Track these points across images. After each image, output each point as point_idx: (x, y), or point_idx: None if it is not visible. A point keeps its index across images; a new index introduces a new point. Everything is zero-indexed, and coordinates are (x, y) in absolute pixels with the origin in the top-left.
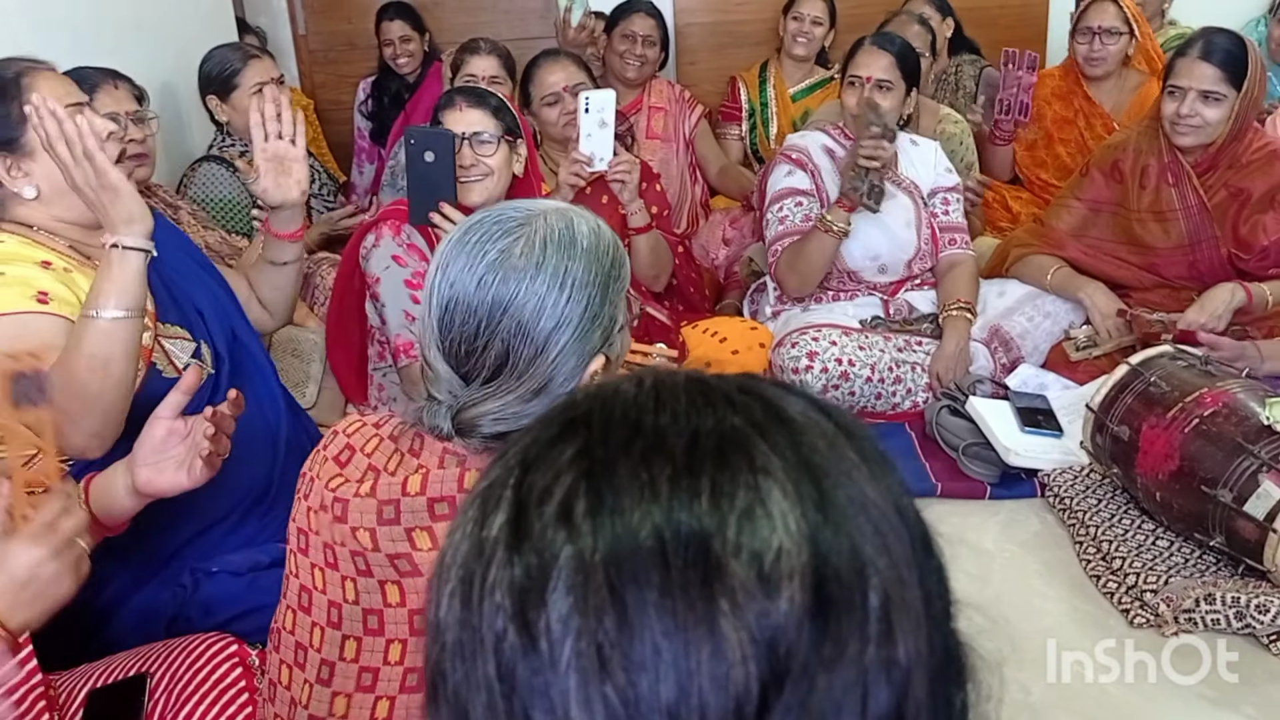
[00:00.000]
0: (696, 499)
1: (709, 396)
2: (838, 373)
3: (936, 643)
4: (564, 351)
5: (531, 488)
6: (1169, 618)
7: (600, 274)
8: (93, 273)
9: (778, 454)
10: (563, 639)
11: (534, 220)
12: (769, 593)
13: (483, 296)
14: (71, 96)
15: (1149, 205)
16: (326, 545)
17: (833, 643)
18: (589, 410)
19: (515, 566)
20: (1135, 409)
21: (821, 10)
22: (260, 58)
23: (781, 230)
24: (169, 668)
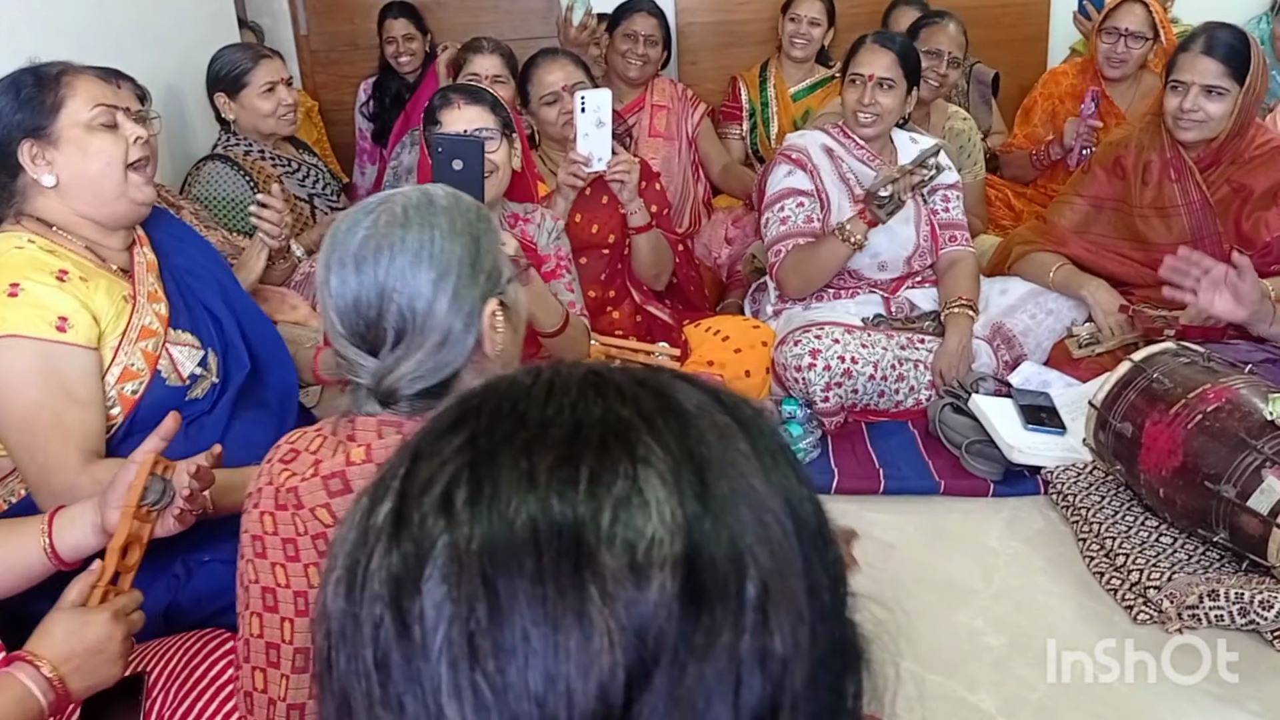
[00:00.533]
0: (573, 488)
1: (601, 388)
2: (840, 370)
3: (821, 634)
4: (454, 298)
5: (416, 477)
6: (1172, 614)
7: (466, 224)
8: (110, 279)
9: (661, 444)
10: (435, 627)
11: (392, 196)
12: (639, 581)
13: (365, 273)
14: (108, 97)
15: (1151, 201)
16: (286, 540)
17: (704, 632)
18: (480, 402)
19: (394, 555)
20: (1138, 405)
21: (819, 11)
22: (271, 58)
23: (784, 231)
24: (165, 665)
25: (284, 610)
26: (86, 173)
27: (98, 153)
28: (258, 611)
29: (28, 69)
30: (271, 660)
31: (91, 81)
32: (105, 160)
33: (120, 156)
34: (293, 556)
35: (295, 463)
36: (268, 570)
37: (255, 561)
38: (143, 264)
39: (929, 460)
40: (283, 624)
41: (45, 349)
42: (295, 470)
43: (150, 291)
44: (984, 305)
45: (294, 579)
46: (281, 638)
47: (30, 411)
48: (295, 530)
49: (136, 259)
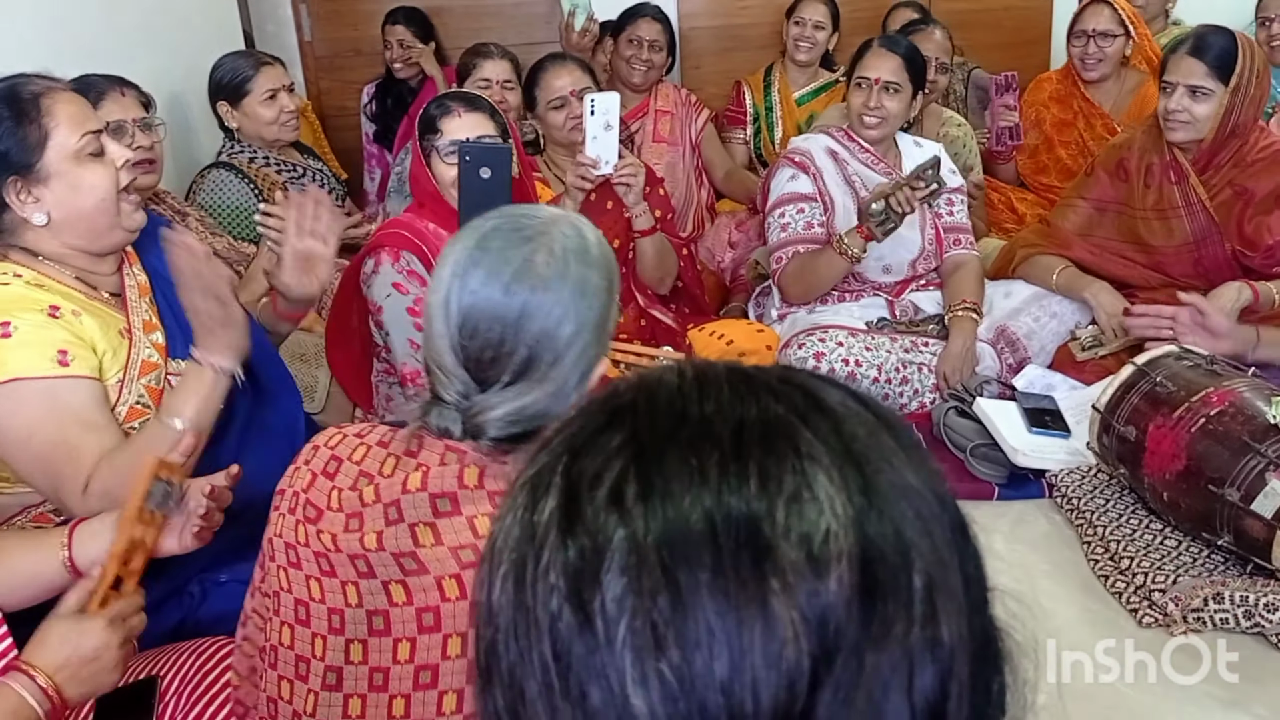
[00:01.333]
0: (745, 484)
1: (751, 386)
2: (844, 374)
3: (976, 626)
4: (581, 354)
5: (582, 473)
6: (1177, 617)
7: (609, 281)
8: (101, 309)
9: (821, 441)
10: (618, 618)
11: (550, 229)
12: (818, 573)
13: (510, 304)
14: (91, 121)
15: (1153, 203)
16: (319, 554)
17: (880, 622)
18: (634, 400)
19: (569, 549)
20: (1141, 409)
21: (824, 14)
22: (272, 65)
23: (784, 238)
24: (179, 670)
25: (316, 626)
26: (80, 208)
27: (91, 188)
28: (289, 622)
29: (1, 93)
30: (300, 673)
31: (73, 104)
32: (99, 195)
33: (112, 187)
34: (328, 571)
35: (339, 476)
36: (302, 582)
37: (288, 570)
38: (134, 287)
39: None
40: (314, 639)
41: (50, 386)
42: (339, 485)
43: (145, 321)
44: (988, 308)
45: (330, 594)
46: (313, 653)
47: (46, 450)
48: (334, 546)
49: (127, 282)
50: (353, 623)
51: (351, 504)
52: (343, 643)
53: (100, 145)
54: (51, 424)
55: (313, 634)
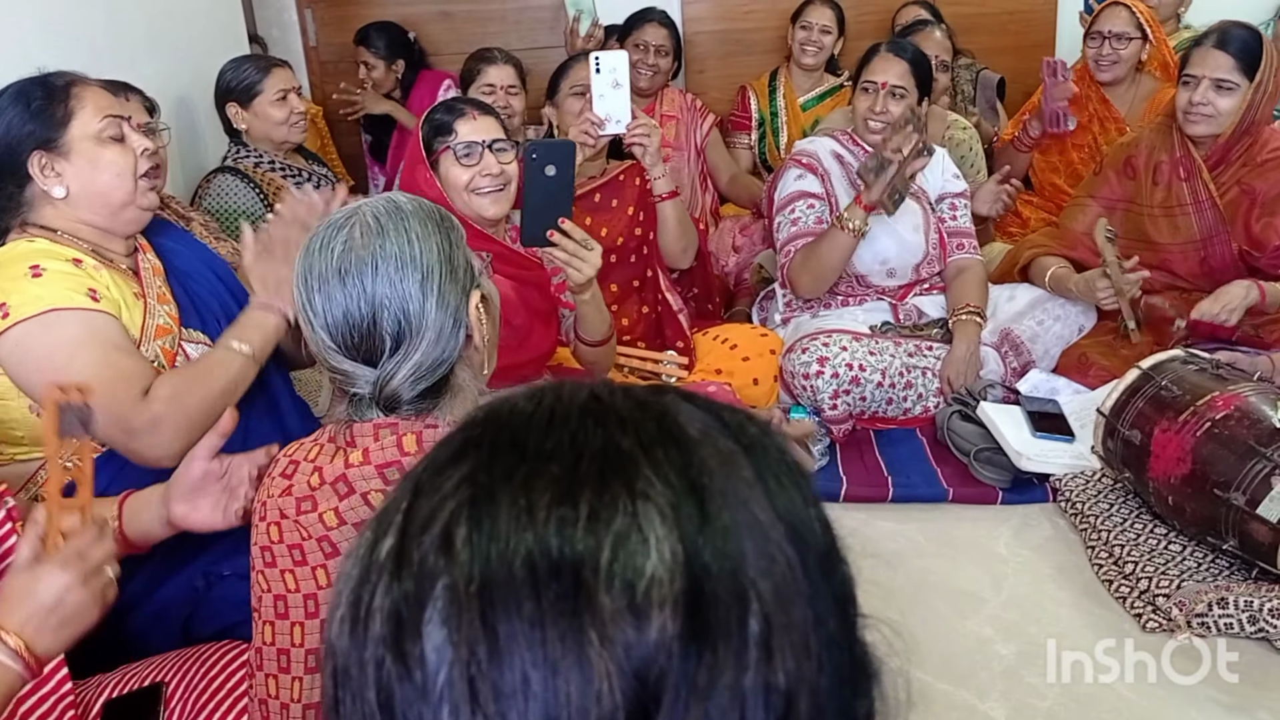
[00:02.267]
0: (572, 525)
1: (601, 416)
2: (848, 378)
3: (828, 663)
4: (441, 296)
5: (417, 513)
6: (1181, 622)
7: (434, 224)
8: (117, 276)
9: (660, 477)
10: (437, 668)
11: (359, 209)
12: (639, 622)
13: (351, 287)
14: (115, 108)
15: (1161, 201)
16: (292, 546)
17: (706, 670)
18: (480, 434)
19: (395, 593)
20: (1146, 413)
21: (830, 18)
22: (282, 67)
23: (794, 231)
24: (184, 676)
25: (294, 615)
26: (97, 184)
27: (108, 165)
28: (269, 620)
29: (35, 80)
30: (283, 666)
31: (99, 93)
32: (115, 172)
33: (130, 168)
34: (300, 561)
35: (295, 476)
36: (278, 578)
37: (265, 572)
38: (148, 268)
39: (937, 468)
40: (293, 628)
41: (85, 316)
42: (296, 483)
43: (159, 293)
44: (992, 312)
45: (303, 582)
46: (292, 641)
47: (92, 372)
48: (300, 535)
49: (142, 264)
50: (325, 603)
51: (303, 489)
52: (318, 625)
53: (121, 131)
54: (95, 348)
55: (290, 624)
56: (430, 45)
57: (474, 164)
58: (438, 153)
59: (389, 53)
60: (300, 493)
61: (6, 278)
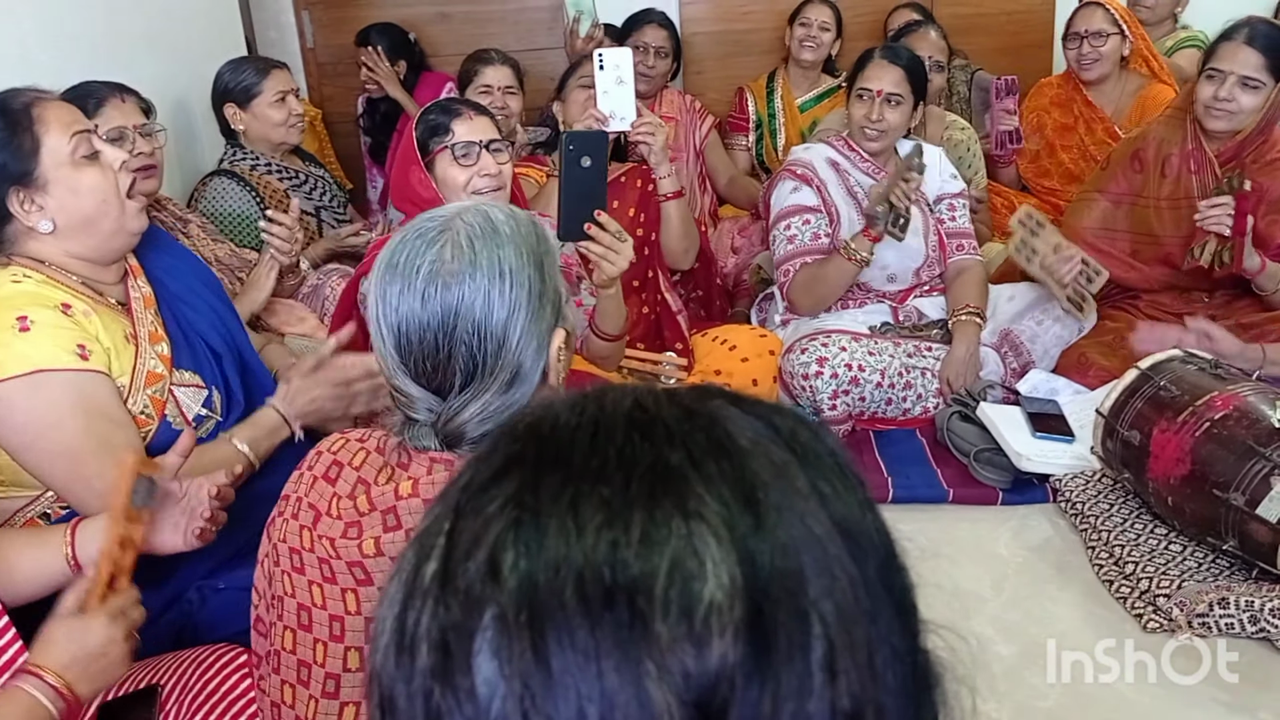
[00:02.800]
0: (625, 549)
1: (648, 428)
2: (847, 378)
3: (895, 676)
4: (524, 335)
5: (461, 535)
6: (1182, 622)
7: (530, 252)
8: (109, 313)
9: (713, 493)
10: (489, 701)
11: (452, 223)
12: (699, 650)
13: (431, 310)
14: (79, 123)
15: (1168, 194)
16: (322, 560)
17: (771, 698)
18: (522, 450)
19: (441, 620)
20: (1145, 413)
21: (829, 16)
22: (281, 68)
23: (791, 250)
24: (180, 678)
25: (318, 632)
26: (82, 212)
27: (90, 190)
28: (291, 627)
29: None
30: (302, 679)
31: (59, 109)
32: (100, 197)
33: (113, 188)
34: (329, 578)
35: (339, 482)
36: (305, 587)
37: (292, 575)
38: (139, 298)
39: (937, 468)
40: (315, 645)
41: (73, 379)
42: (339, 493)
43: (151, 331)
44: (991, 312)
45: (330, 602)
46: (314, 659)
47: (76, 442)
48: (331, 553)
49: (132, 293)
50: (352, 630)
51: (349, 513)
52: (342, 650)
53: (93, 147)
54: (79, 416)
55: (314, 639)
56: (428, 47)
57: (471, 164)
58: (434, 153)
59: (390, 54)
60: (349, 517)
61: None
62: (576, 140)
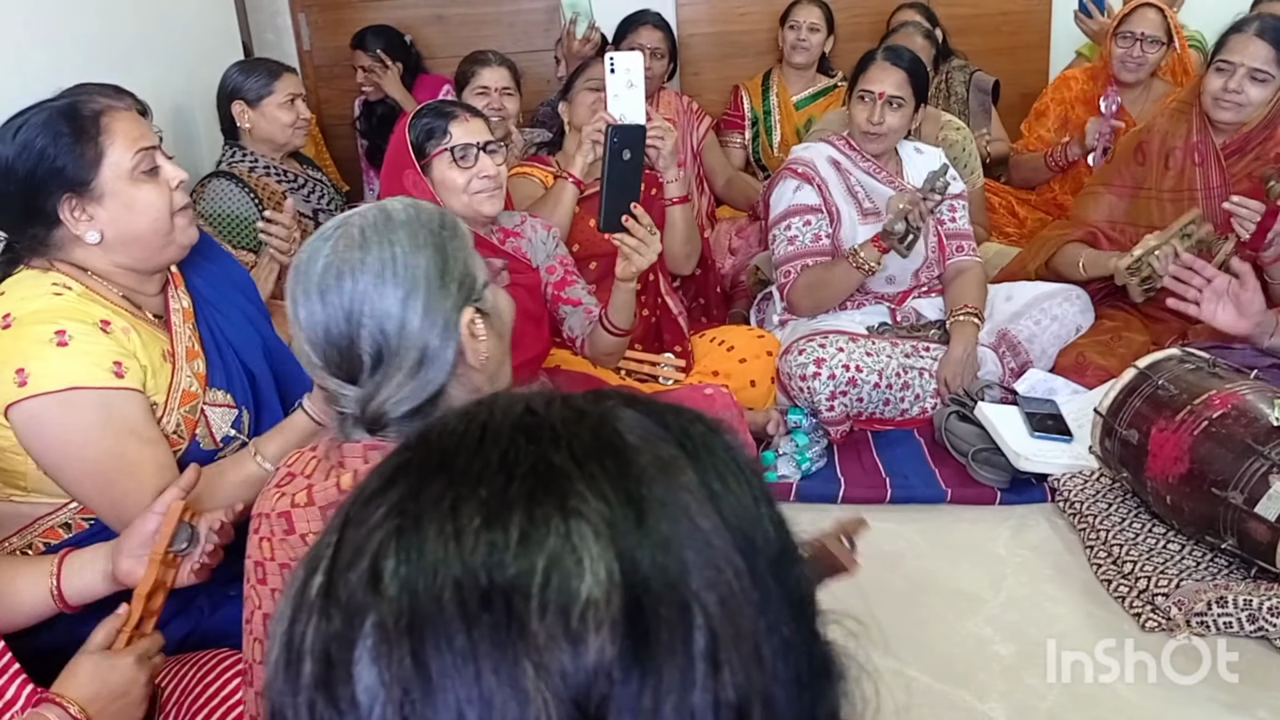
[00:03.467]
0: (502, 551)
1: (534, 431)
2: (845, 379)
3: (784, 669)
4: (425, 313)
5: (345, 546)
6: (1180, 622)
7: (427, 235)
8: (147, 330)
9: (595, 491)
10: (369, 709)
11: (349, 219)
12: (575, 647)
13: (330, 301)
14: (145, 139)
15: (1171, 186)
16: (283, 565)
17: (652, 691)
18: (411, 456)
19: (324, 632)
20: (1144, 412)
21: (818, 17)
22: (291, 73)
23: (792, 251)
24: (179, 681)
25: None
26: (133, 228)
27: (146, 207)
28: (259, 638)
29: (63, 109)
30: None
31: (130, 122)
32: (154, 215)
33: (166, 207)
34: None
35: (289, 486)
36: (268, 596)
37: (257, 588)
38: (178, 311)
39: (935, 469)
40: None
41: (106, 397)
42: (288, 493)
43: (188, 348)
44: (989, 312)
45: None
46: None
47: (104, 462)
48: (289, 555)
49: (172, 305)
50: None
51: (285, 505)
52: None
53: (154, 162)
54: (109, 435)
55: None
56: (425, 49)
57: (470, 166)
58: (431, 156)
59: (386, 56)
60: (284, 507)
61: (29, 339)
62: (620, 133)
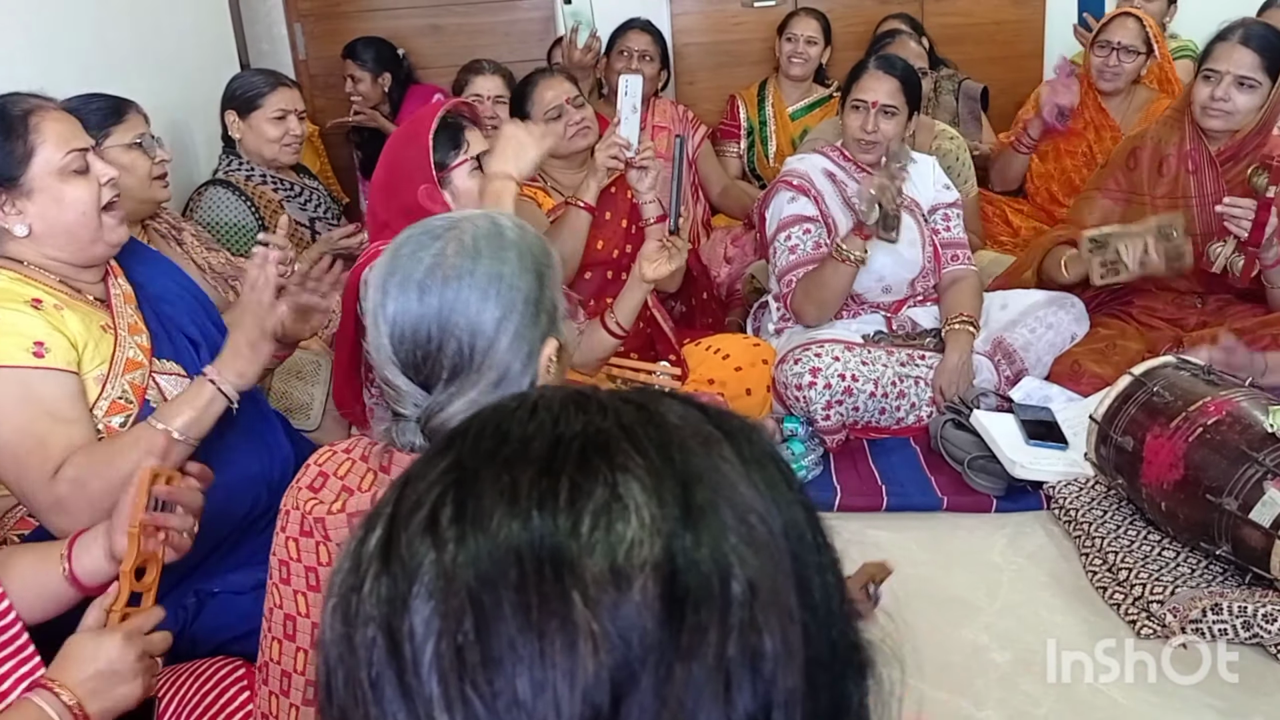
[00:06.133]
0: (553, 499)
1: (583, 404)
2: (841, 388)
3: (816, 634)
4: (516, 337)
5: (405, 501)
6: (1176, 628)
7: (533, 261)
8: (84, 308)
9: (640, 452)
10: (424, 642)
11: (460, 223)
12: (620, 585)
13: (428, 302)
14: (78, 139)
15: (1165, 193)
16: (309, 569)
17: (690, 632)
18: (467, 426)
19: (384, 577)
20: (1139, 419)
21: (815, 29)
22: (290, 87)
23: (794, 260)
24: (177, 690)
25: (300, 640)
26: (61, 222)
27: (73, 202)
28: (278, 638)
29: None
30: (284, 688)
31: (60, 122)
32: (80, 210)
33: (94, 202)
34: (314, 586)
35: (323, 491)
36: (290, 597)
37: (280, 587)
38: (119, 295)
39: (931, 476)
40: (298, 654)
41: (24, 376)
42: (323, 499)
43: (130, 324)
44: (984, 320)
45: (314, 610)
46: (295, 667)
47: (14, 438)
48: (318, 559)
49: (112, 290)
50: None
51: (320, 512)
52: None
53: (85, 163)
54: (22, 412)
55: (296, 648)
56: (420, 59)
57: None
58: (451, 167)
59: (376, 66)
60: (317, 513)
61: None
62: (682, 143)
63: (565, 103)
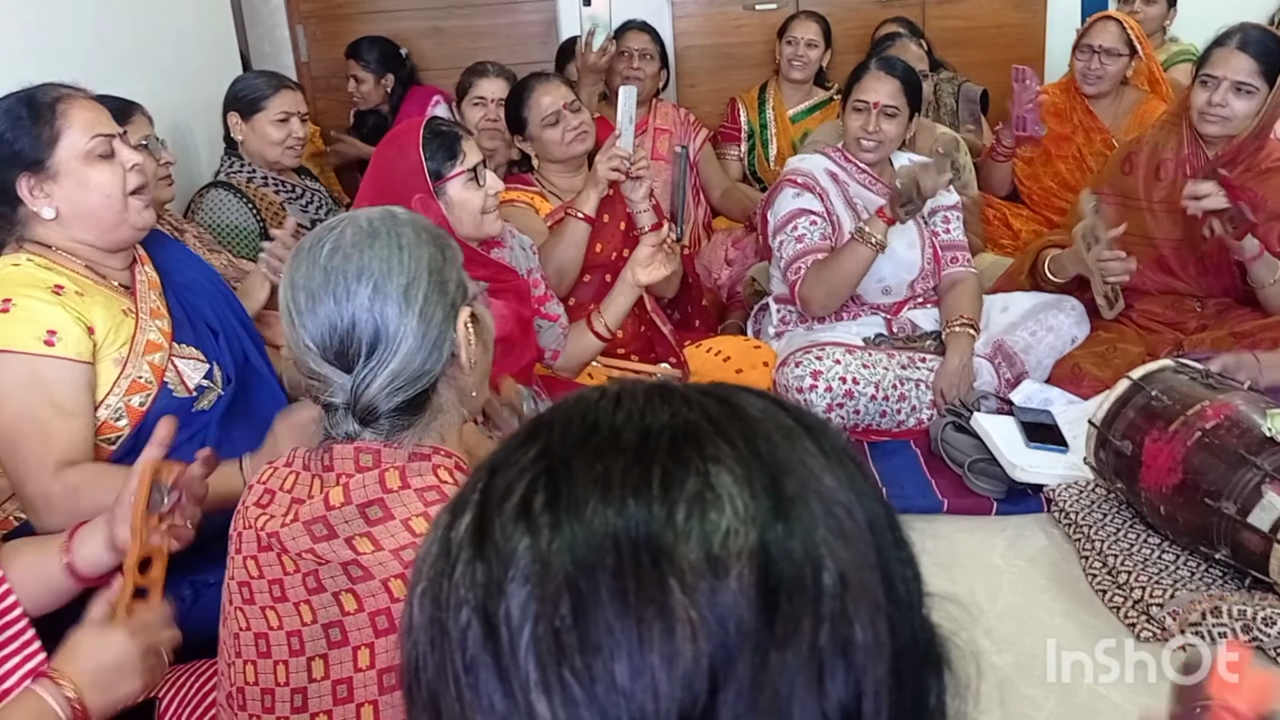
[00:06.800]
0: (647, 487)
1: (667, 396)
2: (842, 391)
3: (902, 628)
4: (427, 302)
5: (494, 488)
6: (1175, 631)
7: (430, 235)
8: (108, 294)
9: (729, 444)
10: (521, 626)
11: (354, 215)
12: (717, 572)
13: (335, 283)
14: (104, 126)
15: (1162, 197)
16: (273, 582)
17: (784, 620)
18: (552, 417)
19: (478, 562)
20: (1137, 423)
21: (815, 32)
22: (293, 90)
23: (801, 249)
24: (177, 690)
25: (277, 654)
26: (87, 204)
27: (97, 185)
28: (250, 660)
29: (22, 97)
30: (266, 706)
31: (87, 108)
32: (105, 193)
33: (119, 186)
34: (280, 597)
35: (271, 505)
36: (258, 615)
37: (244, 609)
38: (144, 281)
39: (932, 479)
40: (276, 667)
41: (33, 363)
42: (273, 514)
43: (153, 308)
44: (985, 323)
45: (286, 618)
46: (276, 681)
47: (15, 424)
48: (282, 570)
49: (138, 276)
50: (311, 640)
51: (273, 526)
52: (304, 662)
53: (111, 148)
54: (27, 399)
55: (274, 663)
56: (422, 60)
57: (482, 185)
58: (448, 178)
59: (379, 67)
60: (269, 528)
61: None
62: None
63: (562, 108)
